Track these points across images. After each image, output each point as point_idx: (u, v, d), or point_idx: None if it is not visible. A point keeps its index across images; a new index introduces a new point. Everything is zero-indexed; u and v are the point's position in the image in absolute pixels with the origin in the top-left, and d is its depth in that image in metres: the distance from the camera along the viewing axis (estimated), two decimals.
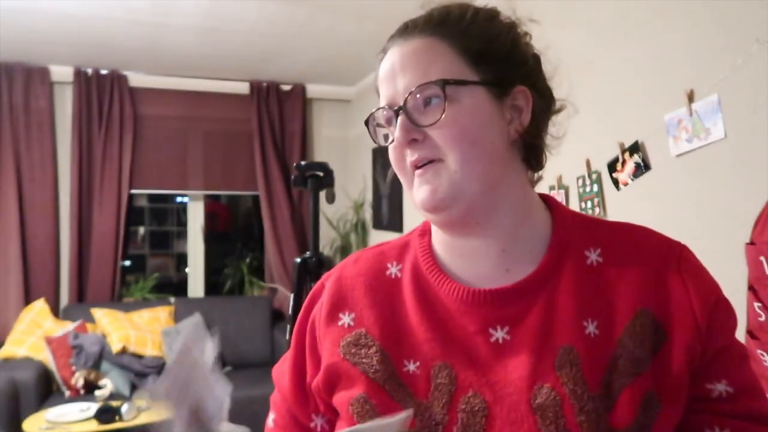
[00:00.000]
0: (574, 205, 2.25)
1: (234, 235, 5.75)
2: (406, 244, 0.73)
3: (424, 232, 0.72)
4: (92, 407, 2.87)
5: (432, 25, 0.64)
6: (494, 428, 0.58)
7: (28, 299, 3.80)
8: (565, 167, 2.30)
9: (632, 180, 1.97)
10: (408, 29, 0.65)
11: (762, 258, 1.31)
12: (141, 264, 6.05)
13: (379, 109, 0.66)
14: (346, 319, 0.68)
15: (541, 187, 2.39)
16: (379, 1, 2.89)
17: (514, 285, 0.63)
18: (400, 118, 0.62)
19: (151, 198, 6.08)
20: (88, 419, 2.80)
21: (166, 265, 6.29)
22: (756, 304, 1.33)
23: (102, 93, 4.04)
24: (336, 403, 0.67)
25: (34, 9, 2.98)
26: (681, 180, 1.79)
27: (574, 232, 0.66)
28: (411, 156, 0.63)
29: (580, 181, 2.21)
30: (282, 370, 0.77)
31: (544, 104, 0.68)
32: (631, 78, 2.00)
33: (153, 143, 4.20)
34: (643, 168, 1.93)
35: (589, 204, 2.17)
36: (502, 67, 0.63)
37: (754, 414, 0.62)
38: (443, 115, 0.60)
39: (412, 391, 0.62)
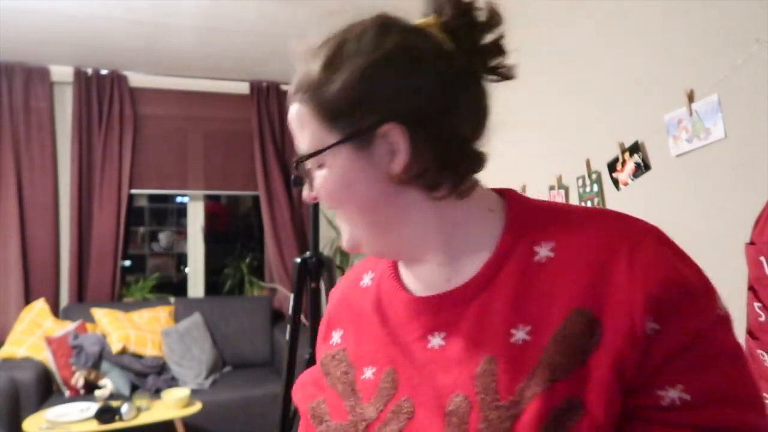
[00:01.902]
0: None
1: (234, 235, 5.75)
2: None
3: None
4: (92, 407, 2.87)
5: (296, 91, 0.63)
6: (409, 428, 0.60)
7: (28, 299, 3.79)
8: (565, 167, 2.30)
9: (632, 180, 1.97)
10: (290, 91, 0.66)
11: (762, 258, 1.31)
12: (141, 264, 6.05)
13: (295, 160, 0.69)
14: (336, 337, 0.74)
15: (541, 187, 2.38)
16: (380, 2, 2.88)
17: (448, 292, 0.63)
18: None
19: (151, 198, 6.08)
20: (88, 419, 2.79)
21: (166, 265, 6.29)
22: (756, 304, 1.33)
23: (102, 93, 4.03)
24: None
25: (34, 9, 2.98)
26: (681, 180, 1.79)
27: (528, 228, 0.62)
28: (322, 205, 0.67)
29: (580, 181, 2.21)
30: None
31: (432, 129, 0.60)
32: (631, 78, 2.00)
33: (153, 143, 4.19)
34: (643, 168, 1.93)
35: (589, 204, 2.17)
36: (360, 117, 0.59)
37: (717, 425, 0.53)
38: (314, 186, 0.64)
39: (361, 396, 0.65)
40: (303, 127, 0.63)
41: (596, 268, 0.56)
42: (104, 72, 4.04)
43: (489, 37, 0.63)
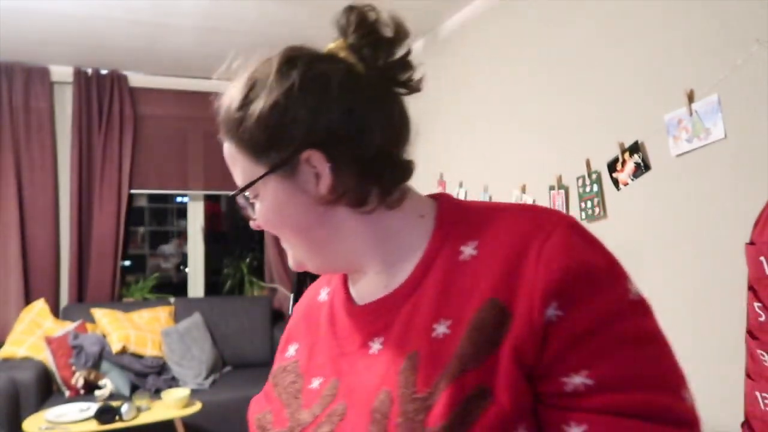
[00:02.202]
0: (574, 205, 2.25)
1: (233, 235, 5.75)
2: None
3: None
4: (92, 407, 2.86)
5: (221, 131, 0.67)
6: (340, 428, 0.62)
7: (28, 299, 3.79)
8: (565, 167, 2.30)
9: (632, 180, 1.97)
10: (219, 128, 0.69)
11: (762, 258, 1.31)
12: (141, 264, 6.05)
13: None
14: (291, 350, 0.76)
15: (541, 187, 2.38)
16: (380, 2, 2.88)
17: (382, 298, 0.66)
18: None
19: (151, 198, 6.08)
20: (88, 419, 2.79)
21: (166, 265, 6.29)
22: (756, 304, 1.33)
23: (102, 93, 4.03)
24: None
25: (34, 9, 2.98)
26: (681, 180, 1.79)
27: (455, 230, 0.65)
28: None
29: (580, 181, 2.21)
30: None
31: (350, 149, 0.63)
32: (631, 78, 2.00)
33: (153, 143, 4.19)
34: (643, 168, 1.93)
35: (589, 204, 2.17)
36: (280, 148, 0.63)
37: (622, 407, 0.53)
38: (255, 213, 0.68)
39: (302, 403, 0.68)
40: (234, 163, 0.67)
41: (511, 260, 0.58)
42: (104, 72, 4.04)
43: (398, 53, 0.66)
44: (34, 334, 3.50)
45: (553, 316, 0.54)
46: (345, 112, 0.62)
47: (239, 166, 0.66)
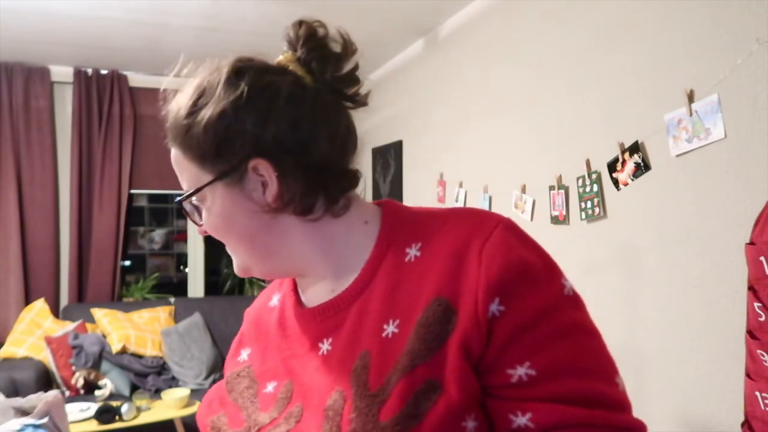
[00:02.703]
0: (574, 205, 2.25)
1: None
2: None
3: None
4: (92, 407, 2.87)
5: (169, 137, 0.69)
6: (295, 429, 0.63)
7: (28, 299, 3.80)
8: (565, 167, 2.31)
9: (632, 180, 1.97)
10: (167, 134, 0.70)
11: (762, 258, 1.31)
12: (141, 264, 6.05)
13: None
14: (244, 354, 0.77)
15: (541, 187, 2.38)
16: (380, 2, 2.89)
17: (330, 301, 0.68)
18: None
19: (151, 198, 6.08)
20: (88, 419, 2.80)
21: (166, 265, 6.29)
22: (756, 304, 1.33)
23: (102, 93, 4.04)
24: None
25: (34, 9, 2.98)
26: (681, 180, 1.79)
27: (400, 234, 0.68)
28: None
29: (580, 181, 2.21)
30: None
31: (297, 159, 0.64)
32: (631, 78, 2.00)
33: (153, 143, 4.20)
34: (643, 168, 1.93)
35: (589, 204, 2.17)
36: (227, 156, 0.64)
37: (563, 395, 0.57)
38: (201, 220, 0.69)
39: (259, 406, 0.69)
40: (181, 169, 0.68)
41: (453, 259, 0.61)
42: (104, 72, 4.04)
43: (345, 67, 0.68)
44: (34, 334, 3.50)
45: (496, 311, 0.57)
46: (292, 123, 0.64)
47: (186, 172, 0.68)
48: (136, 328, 3.64)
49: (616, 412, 0.59)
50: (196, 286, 4.48)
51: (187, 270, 4.55)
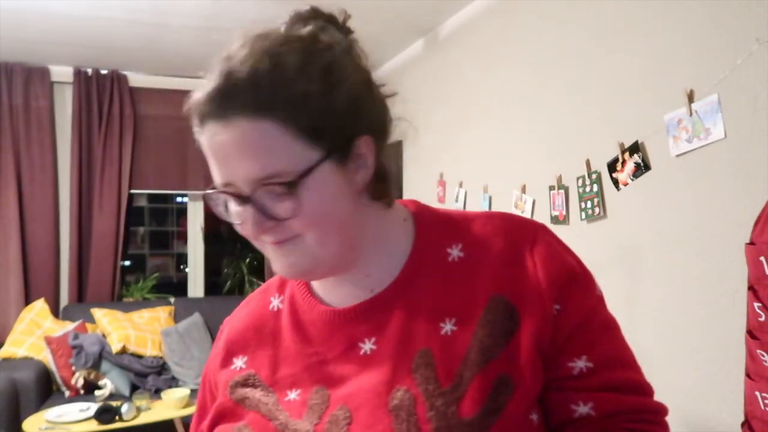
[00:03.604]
0: (574, 205, 2.25)
1: (233, 235, 5.76)
2: None
3: None
4: (92, 407, 2.86)
5: (262, 105, 0.56)
6: None
7: (28, 299, 3.79)
8: (565, 167, 2.30)
9: (632, 180, 1.97)
10: (226, 103, 0.56)
11: (762, 258, 1.31)
12: (141, 264, 6.05)
13: (218, 191, 0.61)
14: (239, 363, 0.71)
15: (541, 187, 2.38)
16: (380, 2, 2.89)
17: (372, 298, 0.66)
18: (248, 209, 0.59)
19: (151, 198, 6.08)
20: (88, 419, 2.79)
21: (166, 265, 6.29)
22: (756, 304, 1.33)
23: (102, 93, 4.04)
24: None
25: (34, 9, 2.98)
26: (681, 180, 1.79)
27: (436, 233, 0.68)
28: (266, 237, 0.61)
29: (580, 181, 2.21)
30: (193, 417, 0.80)
31: (384, 139, 0.65)
32: (631, 78, 2.00)
33: (153, 143, 4.19)
34: (643, 168, 1.93)
35: (589, 204, 2.17)
36: (342, 132, 0.59)
37: (617, 384, 0.63)
38: (296, 208, 0.58)
39: (288, 414, 0.64)
40: (268, 150, 0.56)
41: (505, 261, 0.64)
42: (104, 72, 4.04)
43: None
44: (34, 334, 3.50)
45: (555, 311, 0.62)
46: (382, 103, 0.66)
47: (279, 152, 0.56)
48: (136, 328, 3.64)
49: (650, 397, 0.66)
50: (196, 286, 4.48)
51: (187, 270, 4.55)
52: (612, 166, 2.06)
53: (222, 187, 0.61)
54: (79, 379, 3.29)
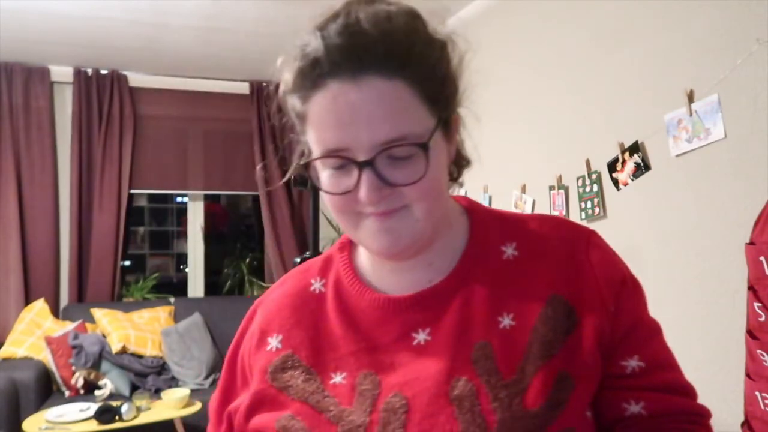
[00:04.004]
0: (574, 205, 2.25)
1: (234, 235, 5.76)
2: (329, 259, 0.75)
3: (344, 246, 0.74)
4: (92, 407, 2.86)
5: (396, 64, 0.55)
6: (413, 421, 0.59)
7: (28, 299, 3.79)
8: (565, 167, 2.31)
9: (632, 180, 1.97)
10: (358, 61, 0.55)
11: (762, 258, 1.31)
12: (141, 264, 6.04)
13: (326, 157, 0.58)
14: (274, 342, 0.69)
15: (541, 187, 2.38)
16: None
17: (430, 288, 0.66)
18: (366, 174, 0.56)
19: (151, 198, 6.09)
20: (88, 419, 2.79)
21: (166, 265, 6.29)
22: (756, 304, 1.33)
23: (102, 93, 4.03)
24: (255, 426, 0.67)
25: (34, 9, 2.98)
26: (681, 180, 1.79)
27: (490, 230, 0.69)
28: (373, 208, 0.59)
29: (580, 181, 2.21)
30: (212, 398, 0.76)
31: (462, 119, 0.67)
32: (631, 78, 2.00)
33: (153, 143, 4.19)
34: (643, 168, 1.93)
35: (589, 204, 2.17)
36: (450, 102, 0.62)
37: (667, 385, 0.66)
38: (422, 172, 0.57)
39: (337, 400, 0.63)
40: (400, 111, 0.55)
41: (561, 261, 0.66)
42: (104, 72, 4.04)
43: None
44: (34, 334, 3.50)
45: (611, 312, 0.64)
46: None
47: (409, 114, 0.56)
48: (136, 328, 3.64)
49: (695, 399, 0.69)
50: (196, 286, 4.47)
51: (187, 270, 4.55)
52: (612, 166, 2.06)
53: (333, 153, 0.57)
54: (79, 379, 3.29)
